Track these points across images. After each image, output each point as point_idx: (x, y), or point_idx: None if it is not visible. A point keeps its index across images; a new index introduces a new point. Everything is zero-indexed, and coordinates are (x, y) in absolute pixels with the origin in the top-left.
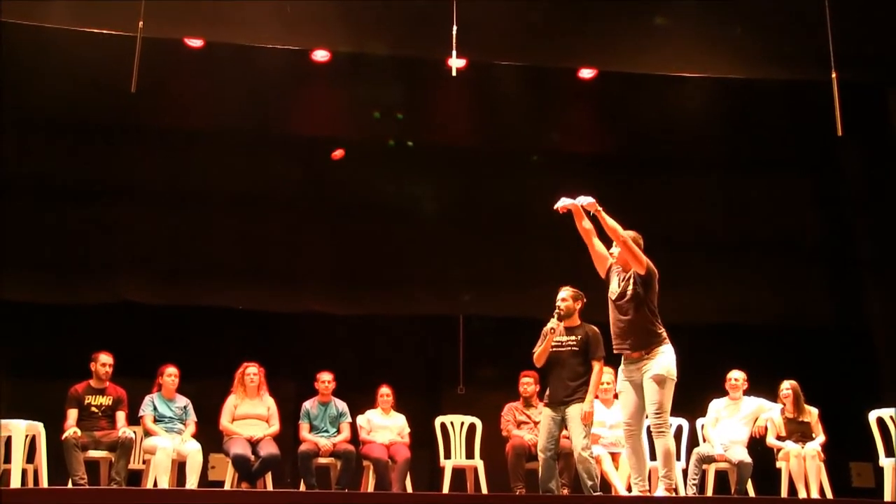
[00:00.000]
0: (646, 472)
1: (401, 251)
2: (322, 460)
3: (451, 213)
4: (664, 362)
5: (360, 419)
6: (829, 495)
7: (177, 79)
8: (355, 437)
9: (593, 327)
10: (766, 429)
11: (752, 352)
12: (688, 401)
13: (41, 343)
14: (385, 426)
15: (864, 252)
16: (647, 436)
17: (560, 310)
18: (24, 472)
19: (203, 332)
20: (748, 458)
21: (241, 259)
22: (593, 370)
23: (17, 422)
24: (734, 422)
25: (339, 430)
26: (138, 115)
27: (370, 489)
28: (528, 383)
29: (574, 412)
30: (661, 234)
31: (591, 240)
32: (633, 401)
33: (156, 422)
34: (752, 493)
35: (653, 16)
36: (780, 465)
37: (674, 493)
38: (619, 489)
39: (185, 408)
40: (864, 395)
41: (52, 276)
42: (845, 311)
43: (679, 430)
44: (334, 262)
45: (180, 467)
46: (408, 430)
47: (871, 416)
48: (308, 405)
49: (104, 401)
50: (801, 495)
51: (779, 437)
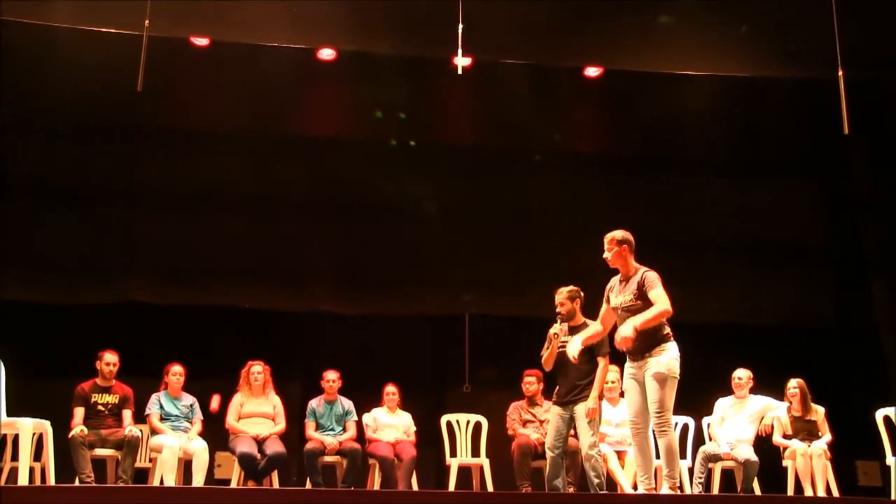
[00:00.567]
0: (652, 470)
1: (406, 250)
2: (328, 459)
3: (457, 213)
4: (666, 360)
5: (366, 417)
6: (835, 494)
7: (182, 78)
8: (361, 436)
9: (596, 324)
10: (772, 427)
11: (758, 351)
12: (694, 400)
13: (48, 342)
14: (391, 424)
15: (871, 252)
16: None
17: (561, 314)
18: (32, 470)
19: (209, 331)
20: (754, 457)
21: (247, 258)
22: (598, 367)
23: (24, 420)
24: (740, 420)
25: (344, 429)
26: (144, 115)
27: (376, 487)
28: (530, 382)
29: (582, 410)
30: (667, 233)
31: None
32: (638, 399)
33: (162, 420)
34: (758, 492)
35: (658, 14)
36: (786, 463)
37: (678, 491)
38: (625, 487)
39: (191, 406)
40: (871, 394)
41: (59, 275)
42: (852, 310)
43: (685, 428)
44: (339, 262)
45: (187, 465)
46: (413, 428)
47: (878, 414)
48: (314, 403)
49: (111, 399)
50: (808, 494)
51: (785, 436)
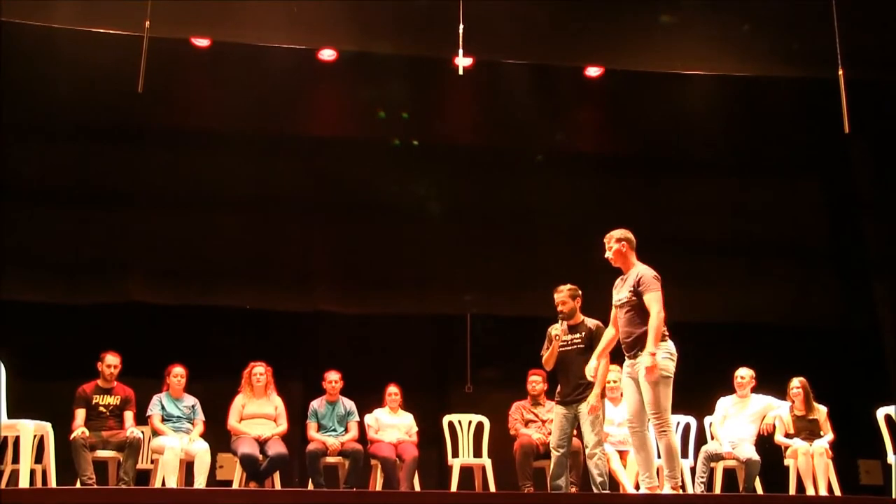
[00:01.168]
0: (654, 469)
1: (407, 251)
2: (330, 459)
3: (458, 212)
4: (657, 359)
5: (368, 418)
6: (837, 493)
7: (183, 79)
8: (363, 436)
9: (595, 322)
10: (773, 427)
11: (760, 351)
12: (696, 399)
13: (49, 343)
14: (393, 425)
15: (872, 251)
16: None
17: (562, 313)
18: (33, 472)
19: (211, 332)
20: (756, 456)
21: (248, 259)
22: (599, 364)
23: (25, 422)
24: (742, 419)
25: (346, 429)
26: (144, 116)
27: (378, 488)
28: (536, 381)
29: (586, 409)
30: (668, 233)
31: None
32: (635, 398)
33: (164, 421)
34: (760, 491)
35: (659, 13)
36: (788, 462)
37: (680, 490)
38: (627, 487)
39: (193, 407)
40: (872, 393)
41: (61, 276)
42: (853, 309)
43: (687, 428)
44: (341, 262)
45: (188, 467)
46: (415, 428)
47: (879, 413)
48: (316, 404)
49: (112, 400)
50: (810, 493)
51: (787, 435)
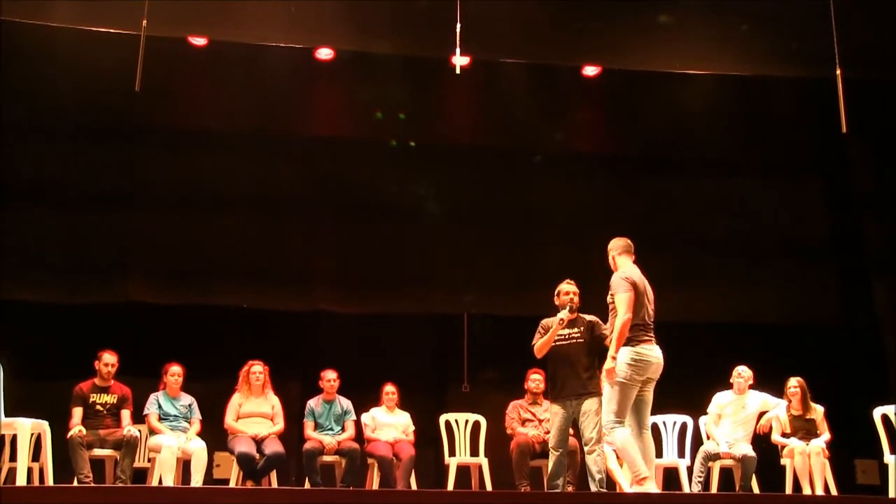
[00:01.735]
0: (638, 467)
1: (405, 250)
2: (327, 458)
3: (456, 212)
4: (617, 362)
5: (365, 417)
6: (833, 492)
7: (180, 78)
8: (360, 435)
9: (592, 317)
10: (770, 426)
11: (759, 350)
12: (697, 399)
13: (47, 342)
14: (390, 424)
15: (872, 250)
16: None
17: (574, 303)
18: (30, 470)
19: (208, 331)
20: (752, 453)
21: (246, 258)
22: (613, 330)
23: (22, 420)
24: (739, 418)
25: (343, 428)
26: (142, 115)
27: (375, 487)
28: (537, 380)
29: (590, 406)
30: (667, 233)
31: None
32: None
33: (161, 420)
34: (756, 490)
35: (657, 13)
36: (784, 462)
37: (641, 484)
38: (624, 487)
39: (189, 406)
40: (870, 393)
41: (58, 275)
42: (853, 308)
43: (683, 427)
44: (337, 261)
45: (185, 465)
46: (412, 427)
47: (876, 413)
48: (312, 403)
49: (109, 399)
50: (806, 492)
51: (784, 434)
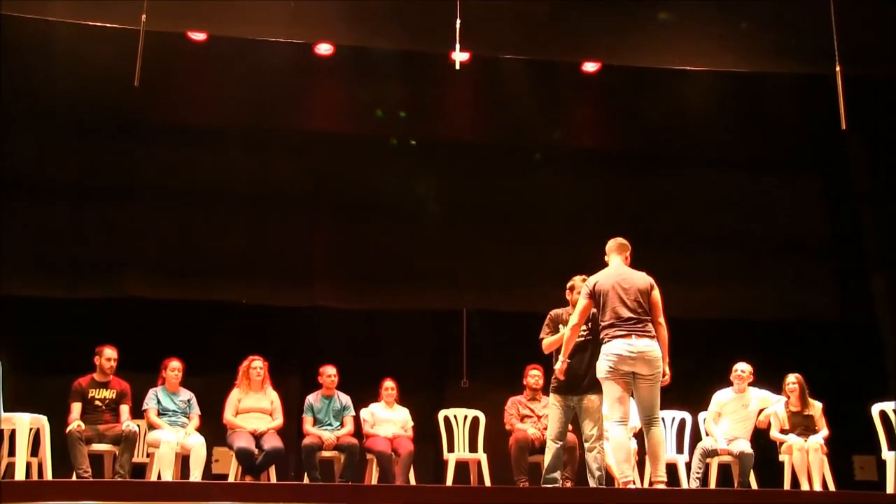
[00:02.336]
0: (627, 469)
1: (404, 246)
2: (325, 454)
3: (454, 208)
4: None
5: (364, 412)
6: (831, 488)
7: (180, 73)
8: (359, 431)
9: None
10: (768, 423)
11: (758, 347)
12: (696, 395)
13: (46, 337)
14: (389, 419)
15: (871, 247)
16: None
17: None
18: (29, 465)
19: (207, 327)
20: (749, 449)
21: (245, 254)
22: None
23: (21, 415)
24: (739, 416)
25: (342, 424)
26: (141, 110)
27: (374, 482)
28: (536, 376)
29: (590, 403)
30: (666, 229)
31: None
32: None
33: (159, 415)
34: (754, 486)
35: (657, 10)
36: (782, 458)
37: (629, 485)
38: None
39: (188, 401)
40: (868, 389)
41: (57, 271)
42: (851, 305)
43: (682, 423)
44: (337, 257)
45: (184, 461)
46: (411, 423)
47: (874, 409)
48: (312, 399)
49: (108, 394)
50: (804, 488)
51: (782, 431)
